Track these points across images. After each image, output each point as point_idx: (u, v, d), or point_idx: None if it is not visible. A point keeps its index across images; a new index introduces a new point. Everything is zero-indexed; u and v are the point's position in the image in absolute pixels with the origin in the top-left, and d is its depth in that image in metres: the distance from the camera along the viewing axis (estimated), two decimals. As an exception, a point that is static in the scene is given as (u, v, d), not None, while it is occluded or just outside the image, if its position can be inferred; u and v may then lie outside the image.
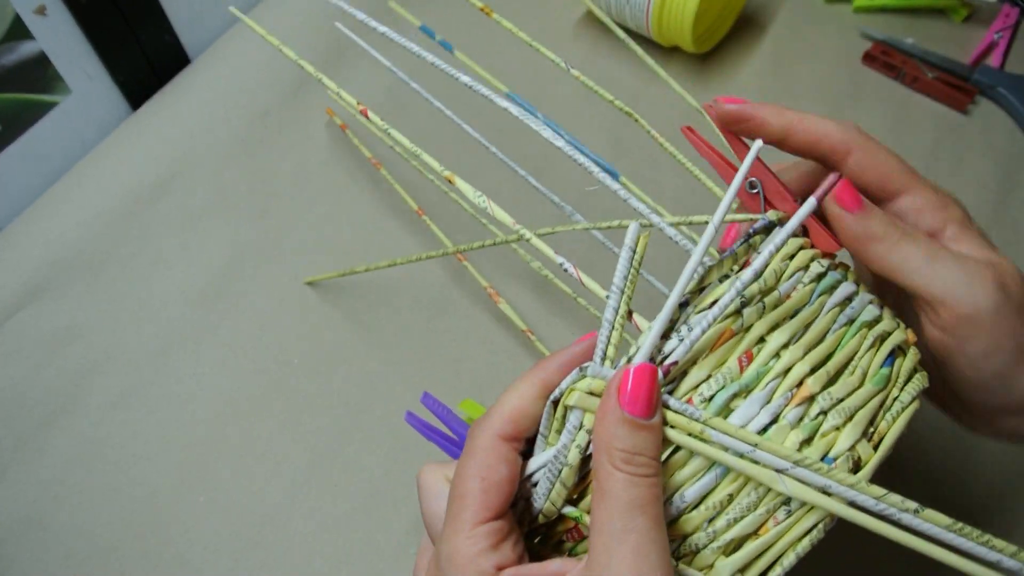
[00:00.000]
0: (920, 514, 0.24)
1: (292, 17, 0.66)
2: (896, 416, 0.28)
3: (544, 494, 0.27)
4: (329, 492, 0.47)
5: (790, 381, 0.26)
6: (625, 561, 0.24)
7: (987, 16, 0.66)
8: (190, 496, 0.47)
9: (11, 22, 0.52)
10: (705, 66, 0.64)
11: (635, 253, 0.27)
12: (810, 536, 0.26)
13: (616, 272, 0.27)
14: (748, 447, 0.25)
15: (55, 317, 0.53)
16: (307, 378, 0.51)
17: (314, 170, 0.59)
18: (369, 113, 0.31)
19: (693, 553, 0.27)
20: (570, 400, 0.27)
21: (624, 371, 0.25)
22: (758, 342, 0.27)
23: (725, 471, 0.26)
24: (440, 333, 0.52)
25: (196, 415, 0.50)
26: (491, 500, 0.27)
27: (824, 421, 0.26)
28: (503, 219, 0.28)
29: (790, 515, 0.26)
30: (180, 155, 0.59)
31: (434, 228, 0.53)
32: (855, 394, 0.27)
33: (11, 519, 0.46)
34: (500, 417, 0.28)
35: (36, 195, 0.58)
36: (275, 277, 0.55)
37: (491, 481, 0.27)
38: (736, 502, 0.26)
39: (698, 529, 0.26)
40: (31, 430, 0.49)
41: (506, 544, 0.27)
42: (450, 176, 0.30)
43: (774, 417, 0.26)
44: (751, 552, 0.26)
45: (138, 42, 0.60)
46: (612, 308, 0.27)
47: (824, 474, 0.25)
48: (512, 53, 0.54)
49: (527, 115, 0.29)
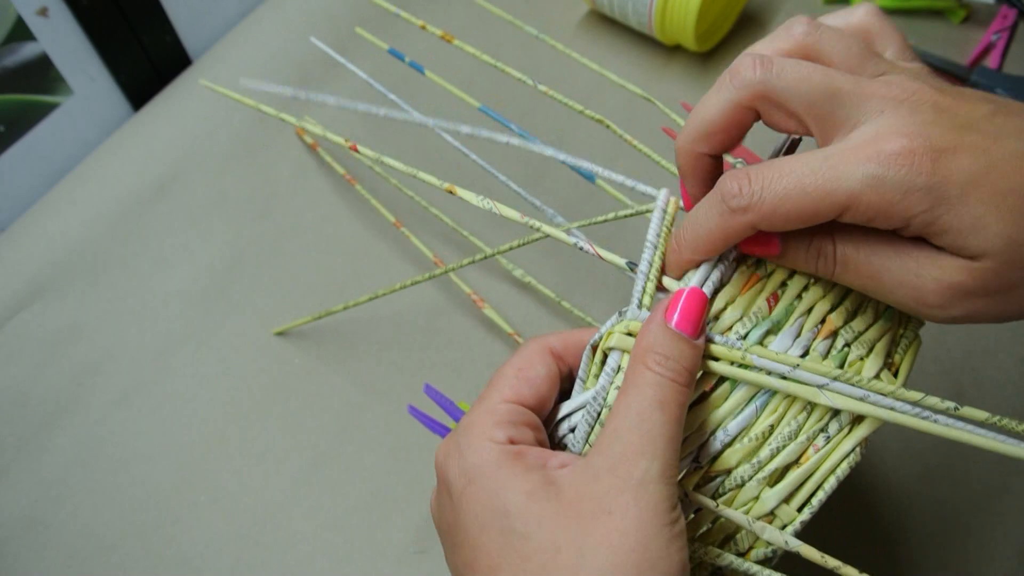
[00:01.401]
0: (958, 412, 0.25)
1: (289, 27, 0.66)
2: (907, 349, 0.29)
3: (583, 437, 0.28)
4: (329, 491, 0.47)
5: (815, 317, 0.28)
6: (632, 442, 0.24)
7: (985, 18, 0.66)
8: (191, 495, 0.47)
9: (13, 23, 0.52)
10: (706, 66, 0.64)
11: (666, 214, 0.29)
12: (848, 459, 0.27)
13: (649, 230, 0.29)
14: (789, 368, 0.27)
15: (57, 317, 0.53)
16: (308, 378, 0.51)
17: (315, 170, 0.59)
18: (359, 147, 0.32)
19: (738, 487, 0.28)
20: (610, 342, 0.28)
21: (676, 292, 0.26)
22: (781, 286, 0.29)
23: (766, 403, 0.27)
24: (440, 332, 0.52)
25: (197, 414, 0.50)
26: (522, 388, 0.27)
27: (850, 352, 0.28)
28: (511, 216, 0.30)
29: (829, 441, 0.27)
30: (181, 156, 0.59)
31: (414, 239, 0.53)
32: (873, 328, 0.29)
33: (13, 518, 0.46)
34: (555, 336, 0.29)
35: (38, 195, 0.58)
36: (276, 277, 0.55)
37: (526, 374, 0.28)
38: (777, 432, 0.27)
39: (742, 462, 0.27)
40: (33, 430, 0.49)
41: (527, 430, 0.27)
42: (451, 187, 0.31)
43: (805, 349, 0.28)
44: (794, 480, 0.27)
45: (140, 43, 0.60)
46: (647, 260, 0.29)
47: (862, 386, 0.26)
48: (513, 53, 0.54)
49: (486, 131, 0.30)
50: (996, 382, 0.51)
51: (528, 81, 0.39)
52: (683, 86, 0.63)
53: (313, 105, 0.61)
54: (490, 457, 0.25)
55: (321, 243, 0.56)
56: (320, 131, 0.33)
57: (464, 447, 0.26)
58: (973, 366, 0.51)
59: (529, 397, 0.27)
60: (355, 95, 0.62)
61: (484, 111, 0.42)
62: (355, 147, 0.32)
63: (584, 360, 0.29)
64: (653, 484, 0.23)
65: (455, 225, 0.53)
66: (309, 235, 0.57)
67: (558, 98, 0.39)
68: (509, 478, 0.24)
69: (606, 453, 0.24)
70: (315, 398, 0.50)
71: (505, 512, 0.24)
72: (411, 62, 0.45)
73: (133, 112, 0.62)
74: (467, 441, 0.26)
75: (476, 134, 0.31)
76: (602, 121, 0.38)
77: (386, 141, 0.59)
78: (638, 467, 0.23)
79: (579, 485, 0.24)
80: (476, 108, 0.44)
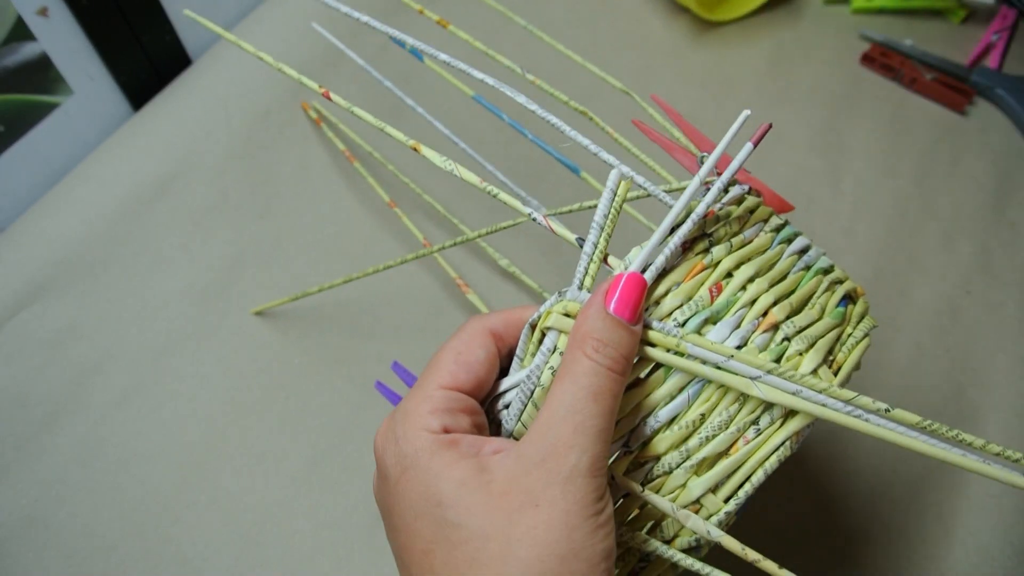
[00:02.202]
0: (890, 413, 0.25)
1: (289, 27, 0.66)
2: (852, 348, 0.30)
3: (515, 415, 0.28)
4: (329, 491, 0.47)
5: (757, 310, 0.28)
6: (563, 435, 0.24)
7: (985, 17, 0.66)
8: (191, 495, 0.47)
9: (13, 23, 0.52)
10: (706, 62, 0.64)
11: (615, 195, 0.28)
12: (778, 453, 0.27)
13: (597, 211, 0.28)
14: (723, 358, 0.27)
15: (57, 317, 0.53)
16: (308, 377, 0.51)
17: (315, 170, 0.59)
18: (331, 95, 0.32)
19: (666, 474, 0.28)
20: (548, 322, 0.28)
21: (616, 277, 0.26)
22: (726, 276, 0.29)
23: (698, 391, 0.27)
24: (439, 332, 0.52)
25: (197, 414, 0.50)
26: (459, 374, 0.27)
27: (789, 346, 0.28)
28: (470, 179, 0.29)
29: (759, 434, 0.27)
30: (181, 155, 0.59)
31: (405, 220, 0.54)
32: (816, 324, 0.29)
33: (13, 518, 0.46)
34: (495, 316, 0.29)
35: (38, 195, 0.58)
36: (276, 277, 0.55)
37: (465, 358, 0.28)
38: (708, 421, 0.27)
39: (671, 448, 0.27)
40: (33, 429, 0.49)
41: (463, 417, 0.27)
42: (415, 145, 0.30)
43: (743, 341, 0.28)
44: (722, 471, 0.27)
45: (140, 43, 0.60)
46: (592, 242, 0.28)
47: (797, 380, 0.26)
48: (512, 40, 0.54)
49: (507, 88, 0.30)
50: (996, 382, 0.51)
51: (517, 70, 0.39)
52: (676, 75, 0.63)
53: (311, 93, 0.62)
54: (424, 446, 0.26)
55: (321, 243, 0.56)
56: (315, 86, 0.33)
57: (400, 435, 0.26)
58: (973, 366, 0.51)
59: (466, 382, 0.28)
60: (355, 95, 0.62)
61: (478, 100, 0.42)
62: (327, 93, 0.32)
63: (523, 338, 0.29)
64: (581, 478, 0.24)
65: (446, 212, 0.54)
66: (309, 234, 0.57)
67: (545, 88, 0.39)
68: (442, 467, 0.25)
69: (538, 443, 0.25)
70: (315, 398, 0.50)
71: (438, 501, 0.25)
72: (411, 49, 0.45)
73: (133, 112, 0.62)
74: (403, 429, 0.26)
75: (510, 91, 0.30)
76: (585, 113, 0.39)
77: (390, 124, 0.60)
78: (567, 461, 0.24)
79: (510, 476, 0.25)
80: (471, 96, 0.44)
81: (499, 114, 0.41)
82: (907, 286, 0.55)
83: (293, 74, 0.33)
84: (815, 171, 0.60)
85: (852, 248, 0.56)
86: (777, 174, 0.59)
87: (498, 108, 0.41)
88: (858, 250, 0.56)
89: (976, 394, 0.50)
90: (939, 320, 0.53)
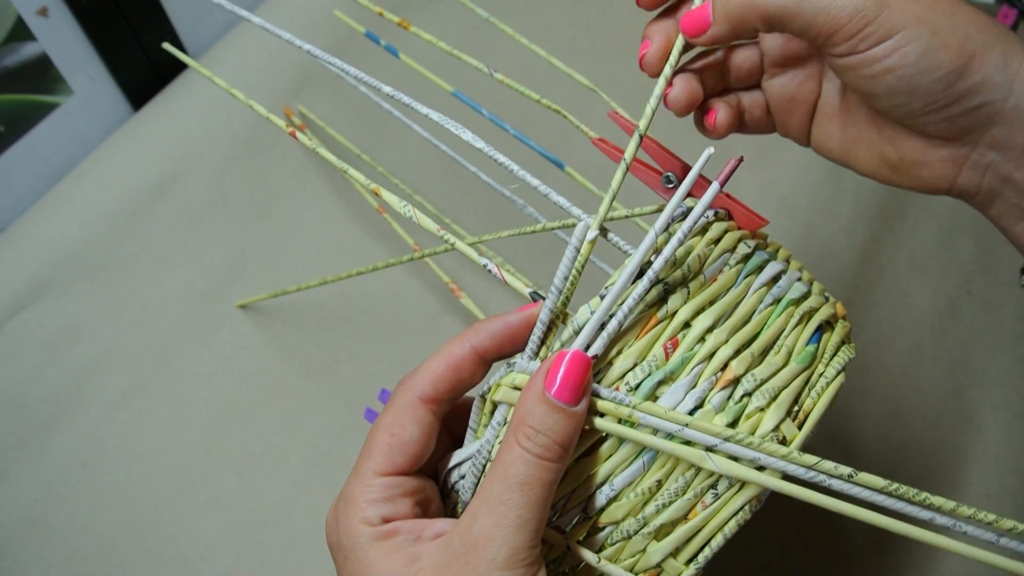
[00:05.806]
0: (854, 479, 0.24)
1: (288, 27, 0.66)
2: (821, 392, 0.28)
3: (470, 488, 0.28)
4: (329, 491, 0.47)
5: (715, 365, 0.27)
6: (484, 528, 0.25)
7: (985, 17, 0.66)
8: (191, 495, 0.47)
9: (13, 23, 0.52)
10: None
11: (578, 253, 0.26)
12: (737, 518, 0.27)
13: (557, 273, 0.26)
14: (677, 427, 0.25)
15: (57, 317, 0.53)
16: (308, 377, 0.51)
17: (315, 170, 0.59)
18: (297, 134, 0.32)
19: (625, 539, 0.27)
20: (496, 395, 0.27)
21: (558, 355, 0.25)
22: (683, 327, 0.27)
23: (653, 458, 0.26)
24: (439, 333, 0.52)
25: (197, 414, 0.50)
26: (395, 457, 0.27)
27: (748, 403, 0.27)
28: (428, 227, 0.28)
29: (717, 498, 0.27)
30: (181, 156, 0.59)
31: (395, 226, 0.54)
32: (779, 374, 0.27)
33: (13, 518, 0.46)
34: (423, 379, 0.29)
35: (38, 195, 0.58)
36: (275, 277, 0.55)
37: (399, 439, 0.28)
38: (665, 488, 0.27)
39: (628, 516, 0.27)
40: (33, 429, 0.49)
41: (404, 501, 0.27)
42: (376, 189, 0.30)
43: (699, 402, 0.26)
44: (681, 536, 0.27)
45: (140, 43, 0.60)
46: (548, 309, 0.27)
47: (754, 448, 0.25)
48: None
49: (452, 123, 0.29)
50: (996, 382, 0.51)
51: (484, 69, 0.38)
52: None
53: (311, 94, 0.61)
54: (360, 541, 0.26)
55: (321, 243, 0.56)
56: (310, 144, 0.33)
57: (342, 526, 0.27)
58: (973, 366, 0.51)
59: (404, 464, 0.28)
60: (354, 94, 0.62)
61: (457, 96, 0.42)
62: (288, 111, 0.32)
63: (475, 409, 0.28)
64: (498, 572, 0.24)
65: (438, 213, 0.54)
66: (309, 235, 0.57)
67: (514, 86, 0.38)
68: (375, 559, 0.26)
69: (463, 534, 0.25)
70: (315, 398, 0.50)
71: None
72: (387, 45, 0.45)
73: (133, 112, 0.62)
74: (345, 521, 0.27)
75: (434, 116, 0.30)
76: (559, 111, 0.38)
77: (384, 133, 0.59)
78: (486, 555, 0.24)
79: (437, 566, 0.25)
80: (449, 92, 0.44)
81: (478, 109, 0.41)
82: (907, 286, 0.55)
83: (262, 111, 0.33)
84: (815, 170, 0.60)
85: (852, 248, 0.56)
86: (777, 174, 0.59)
87: (478, 104, 0.40)
88: (858, 250, 0.56)
89: (976, 394, 0.50)
90: (939, 320, 0.53)
